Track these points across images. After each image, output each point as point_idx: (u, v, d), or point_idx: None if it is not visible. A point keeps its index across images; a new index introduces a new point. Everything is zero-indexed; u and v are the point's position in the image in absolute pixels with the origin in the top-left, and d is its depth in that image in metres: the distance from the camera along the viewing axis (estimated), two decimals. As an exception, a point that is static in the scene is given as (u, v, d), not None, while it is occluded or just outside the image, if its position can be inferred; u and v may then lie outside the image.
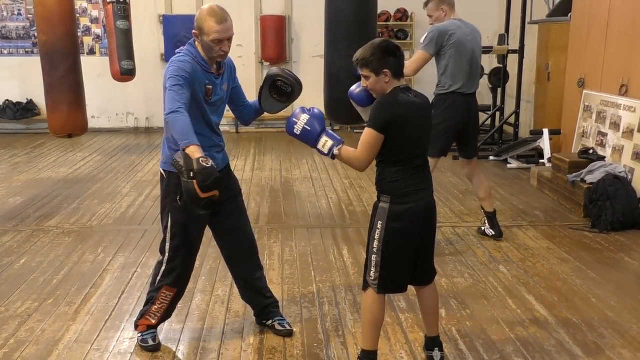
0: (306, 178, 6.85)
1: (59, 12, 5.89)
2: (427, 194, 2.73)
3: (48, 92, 6.06)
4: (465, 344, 3.17)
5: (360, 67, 2.67)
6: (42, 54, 6.00)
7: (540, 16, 8.10)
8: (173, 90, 2.72)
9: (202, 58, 2.88)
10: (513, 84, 8.16)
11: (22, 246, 4.64)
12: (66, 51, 5.95)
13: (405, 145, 2.62)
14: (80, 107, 6.17)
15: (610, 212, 4.91)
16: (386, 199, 2.67)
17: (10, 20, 9.74)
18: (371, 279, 2.72)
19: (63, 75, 5.96)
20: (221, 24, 2.80)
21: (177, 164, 2.61)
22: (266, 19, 9.75)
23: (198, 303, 3.66)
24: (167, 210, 3.02)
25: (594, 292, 3.81)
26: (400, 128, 2.57)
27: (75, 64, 6.06)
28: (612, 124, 5.78)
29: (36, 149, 8.55)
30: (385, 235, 2.66)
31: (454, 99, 4.40)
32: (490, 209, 4.72)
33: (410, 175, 2.65)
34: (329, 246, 4.65)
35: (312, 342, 3.19)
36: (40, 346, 3.16)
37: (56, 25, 5.88)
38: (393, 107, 2.59)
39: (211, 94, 2.92)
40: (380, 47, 2.62)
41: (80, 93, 6.17)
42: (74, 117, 6.09)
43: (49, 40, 5.89)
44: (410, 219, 2.66)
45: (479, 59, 4.54)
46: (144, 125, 10.20)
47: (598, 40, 6.15)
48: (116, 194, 6.16)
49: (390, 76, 2.62)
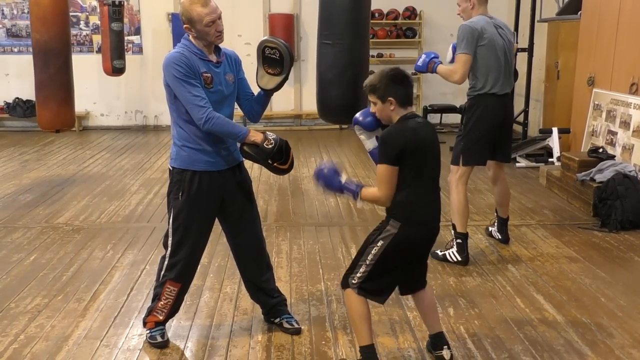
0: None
1: (53, 12, 6.09)
2: (435, 225, 2.78)
3: (39, 89, 6.26)
4: (474, 343, 3.16)
5: (368, 94, 2.72)
6: (35, 52, 6.20)
7: (549, 14, 8.06)
8: (190, 93, 2.81)
9: (198, 48, 2.90)
10: (522, 83, 8.12)
11: (31, 243, 4.66)
12: (58, 50, 6.16)
13: (417, 173, 2.64)
14: (69, 104, 6.39)
15: (619, 211, 4.88)
16: (395, 224, 2.68)
17: (20, 19, 9.79)
18: (353, 282, 2.75)
19: (54, 73, 6.17)
20: (207, 6, 2.83)
21: (251, 156, 2.90)
22: (275, 17, 9.75)
23: (206, 300, 3.67)
24: (170, 205, 3.04)
25: (603, 291, 3.79)
26: (410, 156, 2.60)
27: (66, 63, 6.27)
28: (622, 122, 5.75)
29: (46, 147, 8.59)
30: (383, 254, 2.69)
31: (487, 101, 4.14)
32: (504, 215, 4.57)
33: (421, 204, 2.68)
34: (337, 244, 4.65)
35: (320, 340, 3.20)
36: (50, 342, 3.18)
37: (50, 25, 6.08)
38: (400, 138, 2.61)
39: (211, 82, 2.91)
40: (388, 76, 2.67)
41: (69, 90, 6.38)
42: (63, 113, 6.31)
43: (42, 39, 6.08)
44: (411, 245, 2.71)
45: (510, 57, 4.25)
46: (153, 123, 10.24)
47: (608, 38, 6.11)
48: (125, 192, 6.19)
49: (395, 104, 2.65)
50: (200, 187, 2.97)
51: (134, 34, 9.88)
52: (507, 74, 4.24)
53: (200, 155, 2.95)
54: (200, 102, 2.81)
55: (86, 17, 9.87)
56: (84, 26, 9.88)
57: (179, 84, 2.82)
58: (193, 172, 2.96)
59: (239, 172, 3.12)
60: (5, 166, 7.33)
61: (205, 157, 2.95)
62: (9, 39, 9.87)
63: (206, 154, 2.95)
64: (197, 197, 2.98)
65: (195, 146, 2.94)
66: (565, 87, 7.37)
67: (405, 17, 10.07)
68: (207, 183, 2.98)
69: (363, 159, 7.48)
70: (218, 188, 3.02)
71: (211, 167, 2.98)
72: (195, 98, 2.81)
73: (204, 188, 2.98)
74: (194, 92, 2.82)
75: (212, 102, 2.90)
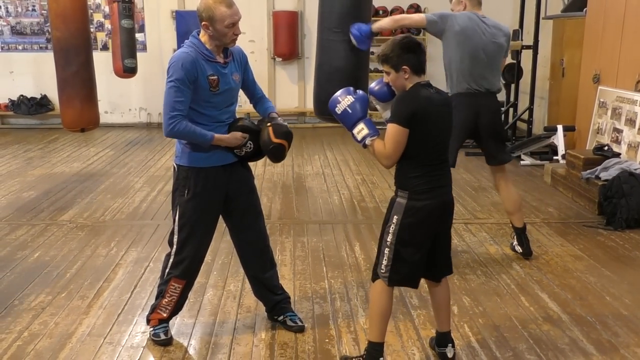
0: (318, 174, 6.84)
1: (72, 8, 5.98)
2: (445, 191, 2.72)
3: (62, 88, 6.14)
4: (478, 341, 3.15)
5: (381, 63, 2.70)
6: (56, 49, 6.08)
7: (554, 11, 8.02)
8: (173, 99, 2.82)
9: (206, 48, 2.88)
10: (527, 80, 8.10)
11: (35, 240, 4.67)
12: (79, 47, 6.05)
13: (426, 141, 2.62)
14: (92, 102, 6.28)
15: (625, 210, 4.86)
16: (404, 194, 2.67)
17: (24, 16, 9.80)
18: (382, 271, 2.72)
19: (76, 70, 6.06)
20: (231, 8, 2.84)
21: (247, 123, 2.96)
22: (278, 15, 9.74)
23: (210, 298, 3.66)
24: (176, 203, 3.04)
25: (608, 290, 3.77)
26: (421, 122, 2.58)
27: (87, 60, 6.15)
28: (628, 120, 5.72)
29: (50, 144, 8.61)
30: (400, 230, 2.66)
31: (458, 100, 3.96)
32: (518, 224, 4.26)
33: (429, 171, 2.65)
34: (341, 242, 4.64)
35: (323, 338, 3.19)
36: (53, 339, 3.18)
37: (69, 22, 5.97)
38: (414, 101, 2.60)
39: (217, 84, 2.90)
40: (401, 44, 2.64)
41: (92, 88, 6.27)
42: (87, 111, 6.21)
43: (62, 36, 5.97)
44: (426, 215, 2.65)
45: (491, 56, 4.04)
46: (157, 120, 10.23)
47: (614, 35, 6.08)
48: (129, 189, 6.19)
49: (409, 72, 2.63)
50: (205, 183, 2.97)
51: (138, 32, 9.87)
52: (484, 72, 4.05)
53: (205, 153, 2.94)
54: (175, 111, 2.82)
55: (90, 15, 9.87)
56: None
57: (170, 85, 2.83)
58: (199, 169, 2.96)
59: (242, 168, 3.12)
60: (10, 163, 7.35)
61: (210, 153, 2.95)
62: (13, 37, 9.88)
63: (211, 150, 2.94)
64: (203, 194, 2.98)
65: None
66: (570, 85, 7.34)
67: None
68: (213, 179, 2.98)
69: (367, 157, 7.46)
70: (223, 184, 3.02)
71: (216, 162, 2.97)
72: (175, 103, 2.82)
73: (210, 185, 2.98)
74: (177, 98, 2.82)
75: (219, 103, 2.91)
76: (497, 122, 4.32)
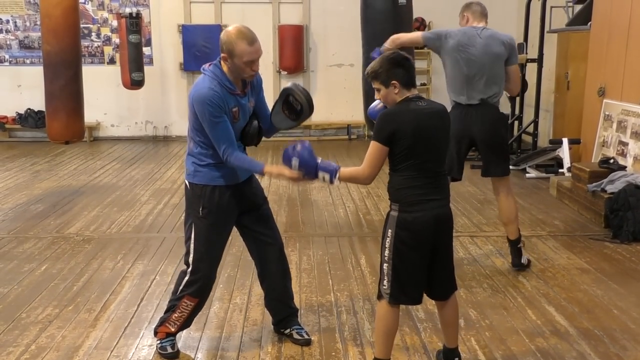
0: (323, 187, 6.85)
1: (65, 24, 6.13)
2: (437, 205, 2.68)
3: (49, 100, 6.30)
4: (485, 355, 3.14)
5: (371, 80, 2.72)
6: (46, 63, 6.25)
7: (559, 25, 8.04)
8: (218, 132, 2.85)
9: (227, 79, 2.87)
10: (532, 93, 8.11)
11: (42, 253, 4.69)
12: (69, 62, 6.20)
13: (412, 155, 2.61)
14: (78, 115, 6.41)
15: (631, 223, 4.85)
16: (395, 207, 2.69)
17: (32, 30, 9.89)
18: (384, 288, 2.72)
19: (64, 84, 6.20)
20: (253, 45, 2.80)
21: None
22: (284, 29, 9.80)
23: (216, 311, 3.67)
24: (190, 222, 3.04)
25: (616, 303, 3.76)
26: (405, 138, 2.58)
27: (76, 74, 6.31)
28: (633, 133, 5.72)
29: (57, 157, 8.65)
30: (395, 244, 2.66)
31: (452, 112, 3.96)
32: (511, 235, 4.24)
33: (419, 184, 2.64)
34: (347, 255, 4.64)
35: (330, 351, 3.19)
36: (60, 352, 3.19)
37: (61, 37, 6.12)
38: (395, 119, 2.61)
39: (238, 116, 2.93)
40: (389, 59, 2.67)
41: (79, 102, 6.41)
42: (72, 124, 6.34)
43: (52, 50, 6.13)
44: (418, 228, 2.64)
45: (485, 67, 4.03)
46: (163, 133, 10.28)
47: (618, 48, 6.10)
48: (135, 202, 6.21)
49: (399, 87, 2.64)
50: (220, 201, 2.97)
51: (145, 46, 9.94)
52: (478, 84, 4.06)
53: (219, 171, 2.96)
54: (224, 143, 2.85)
55: (97, 29, 9.97)
56: (95, 37, 9.97)
57: (210, 123, 2.82)
58: (213, 187, 2.96)
59: (254, 182, 3.16)
60: (17, 176, 7.39)
61: (224, 172, 2.96)
62: (21, 51, 9.97)
63: (226, 168, 2.95)
64: (218, 212, 2.99)
65: (216, 161, 2.94)
66: (575, 98, 7.35)
67: (414, 28, 10.08)
68: (227, 197, 2.99)
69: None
70: (237, 201, 3.04)
71: (230, 181, 2.99)
72: (222, 136, 2.85)
73: (225, 202, 2.99)
74: (220, 131, 2.84)
75: (236, 130, 2.93)
76: (495, 133, 4.18)
